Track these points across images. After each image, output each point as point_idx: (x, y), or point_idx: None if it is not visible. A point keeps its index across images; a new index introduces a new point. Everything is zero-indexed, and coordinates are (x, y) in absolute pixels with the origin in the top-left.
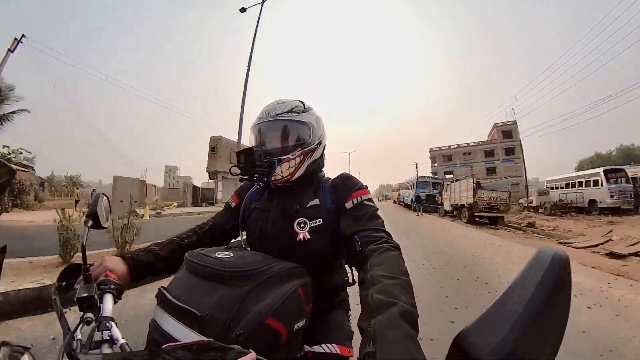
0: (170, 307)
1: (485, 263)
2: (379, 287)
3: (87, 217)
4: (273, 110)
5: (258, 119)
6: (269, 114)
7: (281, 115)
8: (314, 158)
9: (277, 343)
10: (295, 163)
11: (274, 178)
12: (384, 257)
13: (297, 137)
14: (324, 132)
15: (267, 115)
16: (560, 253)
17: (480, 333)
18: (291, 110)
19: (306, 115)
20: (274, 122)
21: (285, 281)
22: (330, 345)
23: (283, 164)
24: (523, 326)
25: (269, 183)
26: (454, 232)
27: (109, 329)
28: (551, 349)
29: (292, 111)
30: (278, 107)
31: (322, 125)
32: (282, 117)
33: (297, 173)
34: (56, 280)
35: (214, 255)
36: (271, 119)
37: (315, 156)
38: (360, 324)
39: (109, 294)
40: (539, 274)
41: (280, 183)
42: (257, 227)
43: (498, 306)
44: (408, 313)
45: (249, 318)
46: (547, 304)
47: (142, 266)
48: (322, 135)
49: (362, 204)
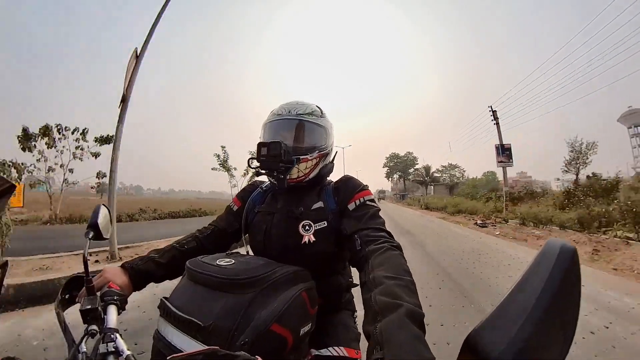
0: (173, 318)
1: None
2: (382, 289)
3: (87, 229)
4: (294, 110)
5: (277, 115)
6: (290, 112)
7: (302, 115)
8: (326, 162)
9: (283, 349)
10: (312, 164)
11: (290, 177)
12: (385, 257)
13: (315, 139)
14: (334, 140)
15: (288, 113)
16: (568, 245)
17: (491, 332)
18: (311, 113)
19: (323, 120)
20: (296, 121)
21: (289, 286)
22: (337, 348)
23: (301, 163)
24: (534, 323)
25: (284, 180)
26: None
27: (113, 340)
28: (563, 346)
29: (312, 114)
30: (299, 107)
31: (334, 133)
32: (304, 118)
33: (311, 174)
34: (59, 293)
35: (215, 263)
36: (293, 117)
37: (327, 160)
38: (365, 328)
39: (113, 305)
40: (547, 269)
41: (294, 182)
42: (261, 231)
43: (508, 303)
44: (414, 314)
45: (254, 326)
46: (557, 300)
47: (142, 275)
48: (333, 142)
49: (364, 204)
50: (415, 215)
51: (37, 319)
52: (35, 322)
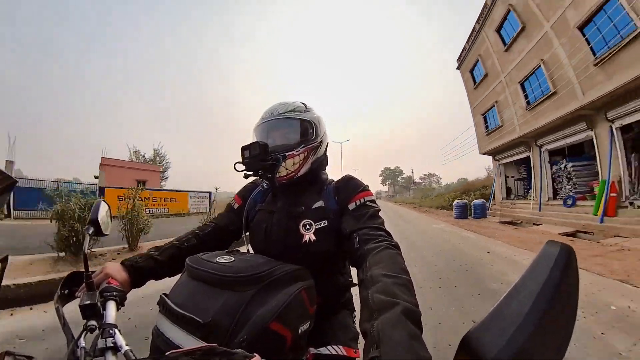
0: (172, 314)
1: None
2: (379, 287)
3: (88, 225)
4: (276, 111)
5: (261, 119)
6: (272, 114)
7: (284, 114)
8: (317, 155)
9: (282, 347)
10: (299, 159)
11: (279, 175)
12: (382, 256)
13: (300, 134)
14: (325, 132)
15: (271, 115)
16: (566, 247)
17: (489, 332)
18: (294, 109)
19: (308, 114)
20: (278, 121)
21: (289, 284)
22: (336, 346)
23: (288, 160)
24: (532, 324)
25: (274, 179)
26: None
27: (112, 336)
28: (560, 347)
29: (295, 110)
30: (280, 107)
31: (323, 125)
32: (285, 116)
33: (301, 170)
34: (59, 289)
35: (215, 260)
36: (274, 118)
37: (318, 154)
38: (362, 325)
39: (112, 301)
40: (545, 270)
41: (285, 179)
42: (262, 229)
43: (506, 303)
44: (411, 312)
45: (253, 323)
46: (554, 302)
47: (142, 272)
48: (324, 135)
49: (364, 204)
50: (395, 206)
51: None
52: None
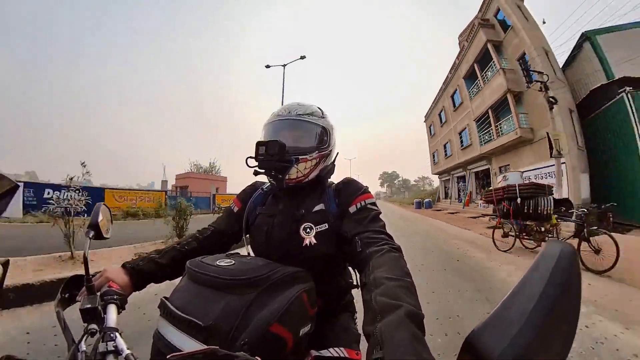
0: (173, 317)
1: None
2: (382, 290)
3: (88, 228)
4: (294, 110)
5: (277, 115)
6: (290, 112)
7: (302, 116)
8: (327, 163)
9: (283, 350)
10: (311, 165)
11: (289, 177)
12: (385, 259)
13: (316, 139)
14: (335, 142)
15: (288, 113)
16: (568, 247)
17: (491, 333)
18: (312, 113)
19: (324, 121)
20: (296, 122)
21: (289, 286)
22: (337, 349)
23: (300, 163)
24: (534, 325)
25: (283, 180)
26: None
27: (113, 339)
28: (563, 347)
29: (313, 115)
30: (299, 108)
31: (335, 135)
32: (304, 118)
33: (311, 175)
34: (59, 292)
35: (216, 263)
36: (293, 118)
37: (328, 161)
38: (365, 328)
39: (113, 304)
40: (547, 270)
41: (293, 183)
42: (262, 233)
43: (508, 304)
44: (413, 314)
45: (254, 326)
46: (557, 301)
47: (142, 275)
48: (335, 143)
49: (365, 207)
50: (393, 206)
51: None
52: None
